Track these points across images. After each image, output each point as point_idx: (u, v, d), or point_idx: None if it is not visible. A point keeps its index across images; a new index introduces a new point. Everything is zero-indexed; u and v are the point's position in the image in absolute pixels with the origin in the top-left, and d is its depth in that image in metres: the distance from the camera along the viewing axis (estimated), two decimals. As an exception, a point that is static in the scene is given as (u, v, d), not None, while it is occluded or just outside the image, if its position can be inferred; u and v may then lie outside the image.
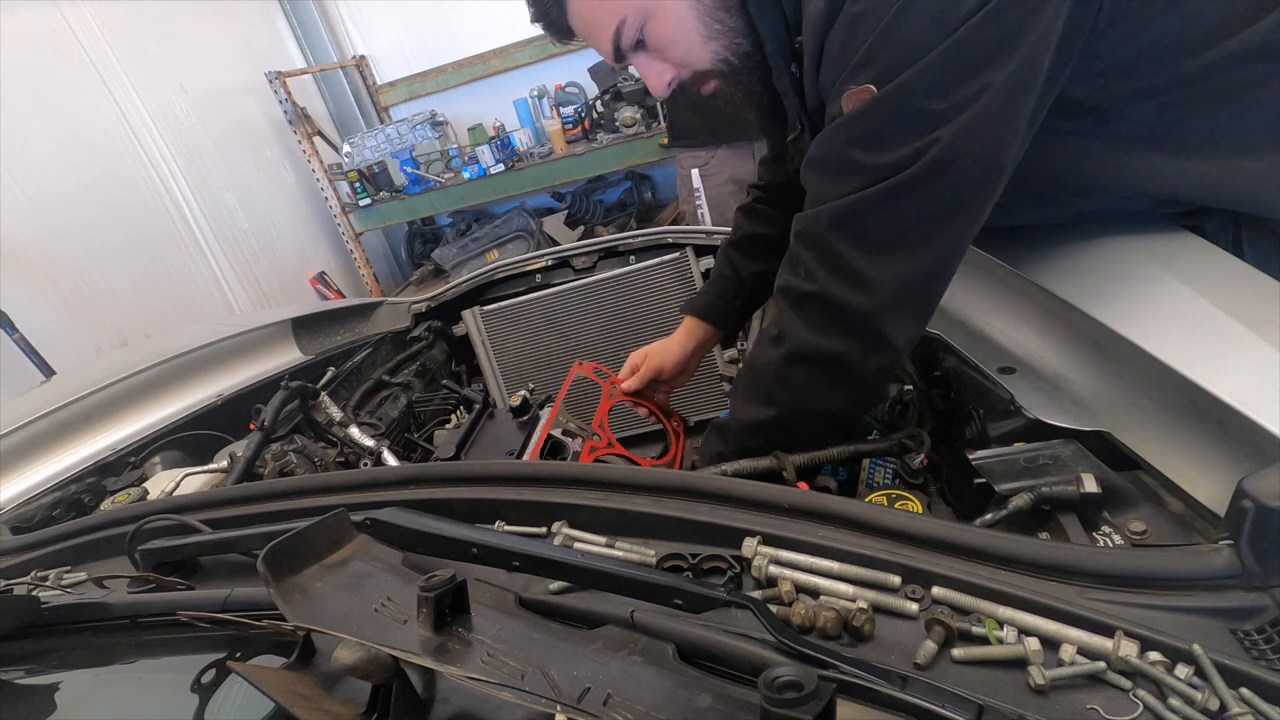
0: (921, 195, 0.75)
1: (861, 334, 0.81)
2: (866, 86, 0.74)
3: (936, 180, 0.74)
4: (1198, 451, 0.66)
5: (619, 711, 0.41)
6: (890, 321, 0.80)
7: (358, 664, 0.43)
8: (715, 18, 0.87)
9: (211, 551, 0.79)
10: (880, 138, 0.75)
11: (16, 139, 3.21)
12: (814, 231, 0.83)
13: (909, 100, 0.72)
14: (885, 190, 0.75)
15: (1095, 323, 0.78)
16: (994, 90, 0.70)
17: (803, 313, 0.85)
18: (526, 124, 4.79)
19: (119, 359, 1.62)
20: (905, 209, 0.76)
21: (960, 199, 0.76)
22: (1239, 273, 0.78)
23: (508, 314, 1.95)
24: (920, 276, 0.80)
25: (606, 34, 0.89)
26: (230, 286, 4.28)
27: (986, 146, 0.73)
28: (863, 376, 0.85)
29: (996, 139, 0.73)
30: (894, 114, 0.74)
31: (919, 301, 0.82)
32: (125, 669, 0.68)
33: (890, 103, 0.73)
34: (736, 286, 1.33)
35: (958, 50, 0.69)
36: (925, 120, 0.72)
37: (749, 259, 1.31)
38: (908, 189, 0.75)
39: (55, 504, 1.22)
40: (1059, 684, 0.48)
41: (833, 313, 0.82)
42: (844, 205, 0.79)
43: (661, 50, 0.90)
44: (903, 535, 0.60)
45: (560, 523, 0.71)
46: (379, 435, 1.46)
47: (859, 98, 0.75)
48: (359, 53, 5.24)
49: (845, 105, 0.77)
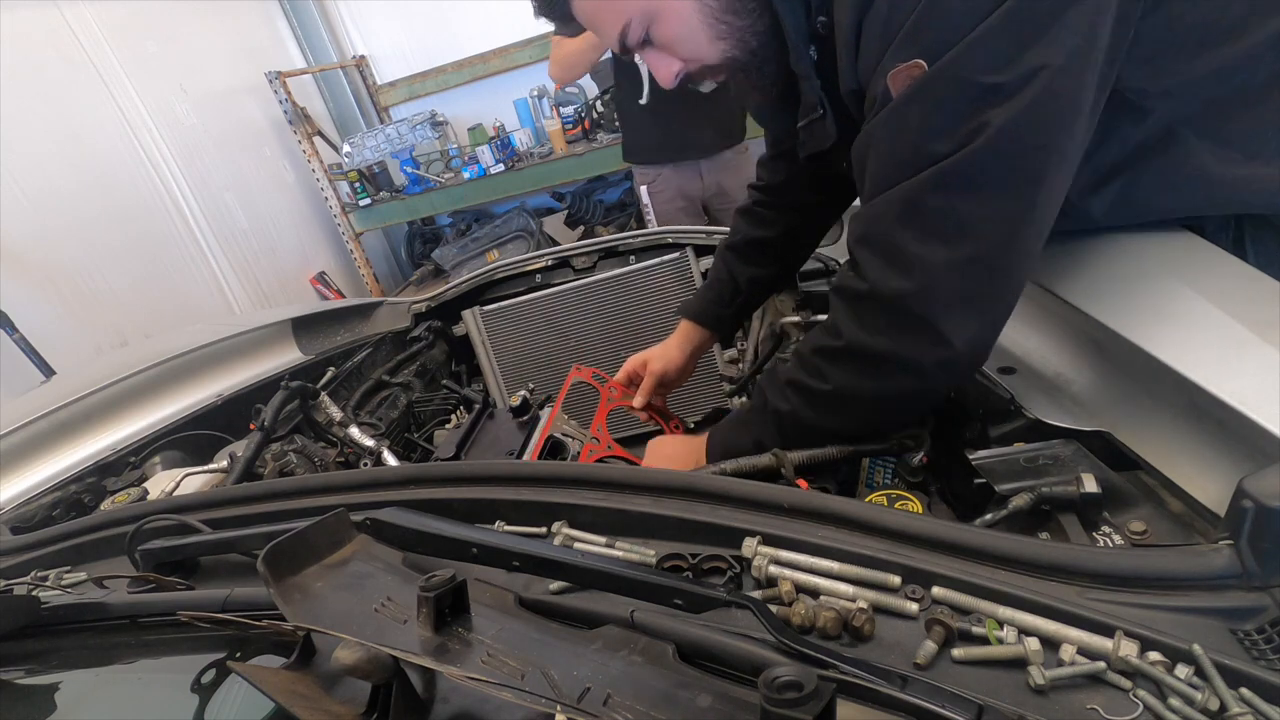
0: (980, 178, 0.70)
1: (915, 331, 0.76)
2: (916, 62, 0.69)
3: (996, 162, 0.69)
4: (1198, 451, 0.66)
5: (619, 711, 0.41)
6: (948, 317, 0.74)
7: (358, 664, 0.43)
8: (721, 19, 0.86)
9: (211, 551, 0.79)
10: (937, 118, 0.70)
11: (16, 139, 3.21)
12: (878, 230, 0.78)
13: (965, 75, 0.67)
14: (938, 174, 0.70)
15: (1095, 323, 0.78)
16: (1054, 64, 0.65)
17: (854, 312, 0.82)
18: (526, 124, 4.79)
19: (119, 359, 1.62)
20: (962, 193, 0.71)
21: (1021, 182, 0.70)
22: (1240, 273, 0.78)
23: (508, 314, 1.95)
24: (981, 264, 0.73)
25: (612, 32, 0.89)
26: (230, 286, 4.28)
27: (1050, 123, 0.68)
28: (920, 376, 0.79)
29: (1060, 115, 0.68)
30: (950, 91, 0.69)
31: (981, 294, 0.75)
32: (125, 669, 0.68)
33: (945, 79, 0.68)
34: (733, 291, 1.32)
35: (1013, 17, 0.64)
36: (985, 95, 0.67)
37: (746, 264, 1.30)
38: (965, 172, 0.70)
39: (55, 504, 1.22)
40: (1059, 684, 0.48)
41: (884, 309, 0.78)
42: (898, 194, 0.74)
43: (669, 48, 0.90)
44: (903, 535, 0.60)
45: (560, 523, 0.71)
46: (379, 435, 1.46)
47: (908, 74, 0.70)
48: (359, 53, 5.24)
49: (893, 84, 0.72)
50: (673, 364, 1.34)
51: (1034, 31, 0.65)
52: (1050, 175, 0.70)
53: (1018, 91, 0.66)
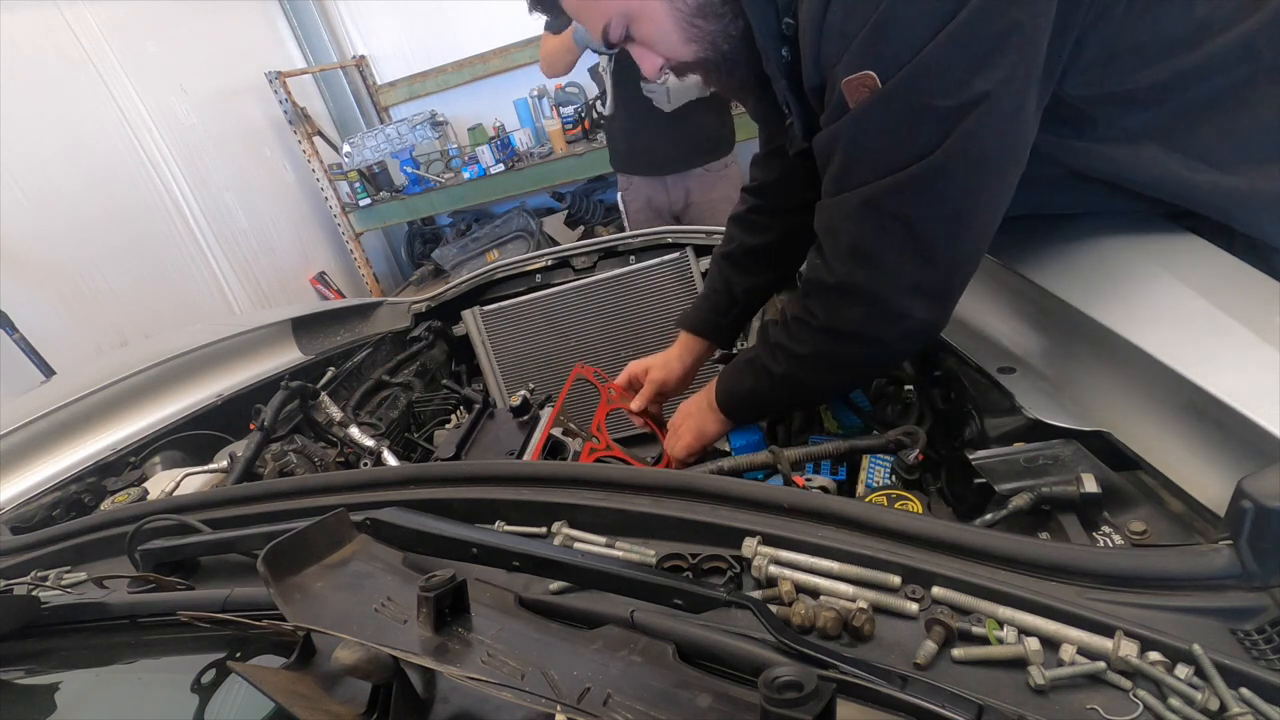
0: (932, 187, 0.77)
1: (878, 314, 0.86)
2: (868, 74, 0.74)
3: (946, 175, 0.76)
4: (1198, 451, 0.66)
5: (619, 711, 0.41)
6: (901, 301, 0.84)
7: (358, 664, 0.43)
8: (692, 23, 0.90)
9: (211, 551, 0.79)
10: (892, 133, 0.77)
11: (17, 139, 3.21)
12: (838, 223, 0.87)
13: (915, 98, 0.73)
14: (893, 183, 0.78)
15: (1095, 323, 0.78)
16: (998, 88, 0.71)
17: (825, 301, 0.91)
18: (526, 124, 4.79)
19: (119, 359, 1.62)
20: (915, 200, 0.79)
21: (967, 190, 0.78)
22: (1239, 273, 0.78)
23: (508, 314, 1.95)
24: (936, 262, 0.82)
25: (596, 28, 0.95)
26: (230, 286, 4.28)
27: (994, 140, 0.75)
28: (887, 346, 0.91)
29: (1003, 131, 0.75)
30: (901, 111, 0.75)
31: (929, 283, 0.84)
32: (125, 669, 0.68)
33: (897, 99, 0.74)
34: (729, 301, 1.32)
35: (958, 40, 0.69)
36: (935, 117, 0.73)
37: (741, 273, 1.30)
38: (917, 182, 0.77)
39: (55, 504, 1.22)
40: (1059, 684, 0.48)
41: (851, 298, 0.87)
42: (859, 196, 0.82)
43: (647, 44, 0.95)
44: (903, 535, 0.60)
45: (560, 523, 0.71)
46: (379, 435, 1.46)
47: (862, 86, 0.75)
48: (359, 53, 5.24)
49: (847, 92, 0.77)
50: (673, 374, 1.35)
51: (979, 56, 0.70)
52: (994, 184, 0.79)
53: (966, 114, 0.72)
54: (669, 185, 2.70)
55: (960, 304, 1.03)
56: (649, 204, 2.75)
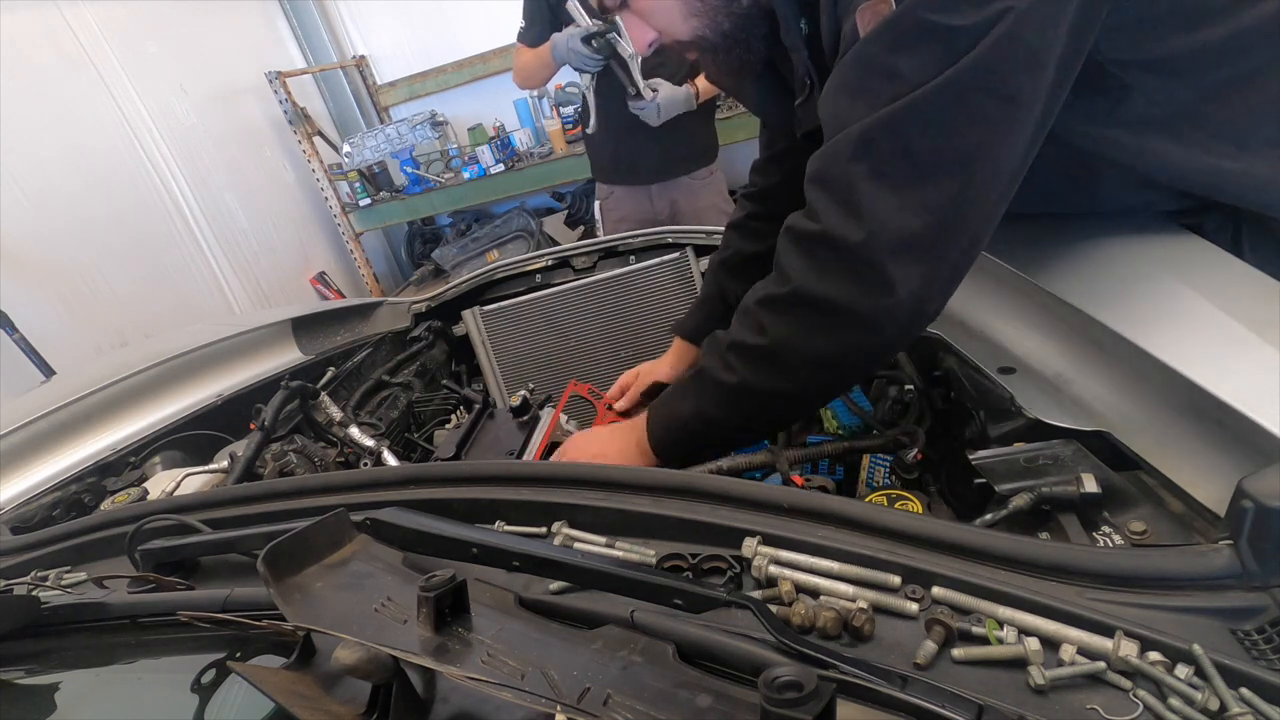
0: (937, 119, 0.70)
1: (860, 276, 0.75)
2: None
3: (953, 105, 0.69)
4: (1198, 451, 0.66)
5: (619, 711, 0.41)
6: (892, 263, 0.73)
7: (358, 664, 0.43)
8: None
9: (211, 551, 0.79)
10: (899, 57, 0.69)
11: (16, 139, 3.21)
12: (831, 169, 0.77)
13: (929, 16, 0.67)
14: (892, 113, 0.70)
15: (1095, 323, 0.78)
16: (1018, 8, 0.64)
17: (804, 253, 0.80)
18: (526, 124, 4.79)
19: (119, 359, 1.62)
20: (918, 134, 0.71)
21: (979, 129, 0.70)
22: (1239, 273, 0.78)
23: (508, 314, 1.95)
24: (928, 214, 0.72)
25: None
26: (230, 286, 4.28)
27: (1011, 71, 0.67)
28: (863, 326, 0.78)
29: (1022, 63, 0.67)
30: (913, 30, 0.68)
31: (926, 246, 0.74)
32: (125, 669, 0.68)
33: (909, 19, 0.68)
34: (724, 310, 1.30)
35: None
36: (946, 38, 0.67)
37: (738, 280, 1.26)
38: (922, 111, 0.69)
39: (55, 504, 1.22)
40: (1059, 684, 0.48)
41: (834, 253, 0.77)
42: (855, 131, 0.73)
43: (643, 15, 0.91)
44: (903, 535, 0.60)
45: (560, 523, 0.71)
46: (379, 435, 1.46)
47: (875, 11, 0.70)
48: (359, 53, 5.24)
49: (860, 20, 0.72)
50: (663, 378, 1.34)
51: None
52: (1007, 126, 0.70)
53: (981, 35, 0.65)
54: (654, 195, 2.68)
55: (960, 304, 1.04)
56: (627, 216, 2.72)
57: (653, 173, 2.64)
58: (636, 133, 2.48)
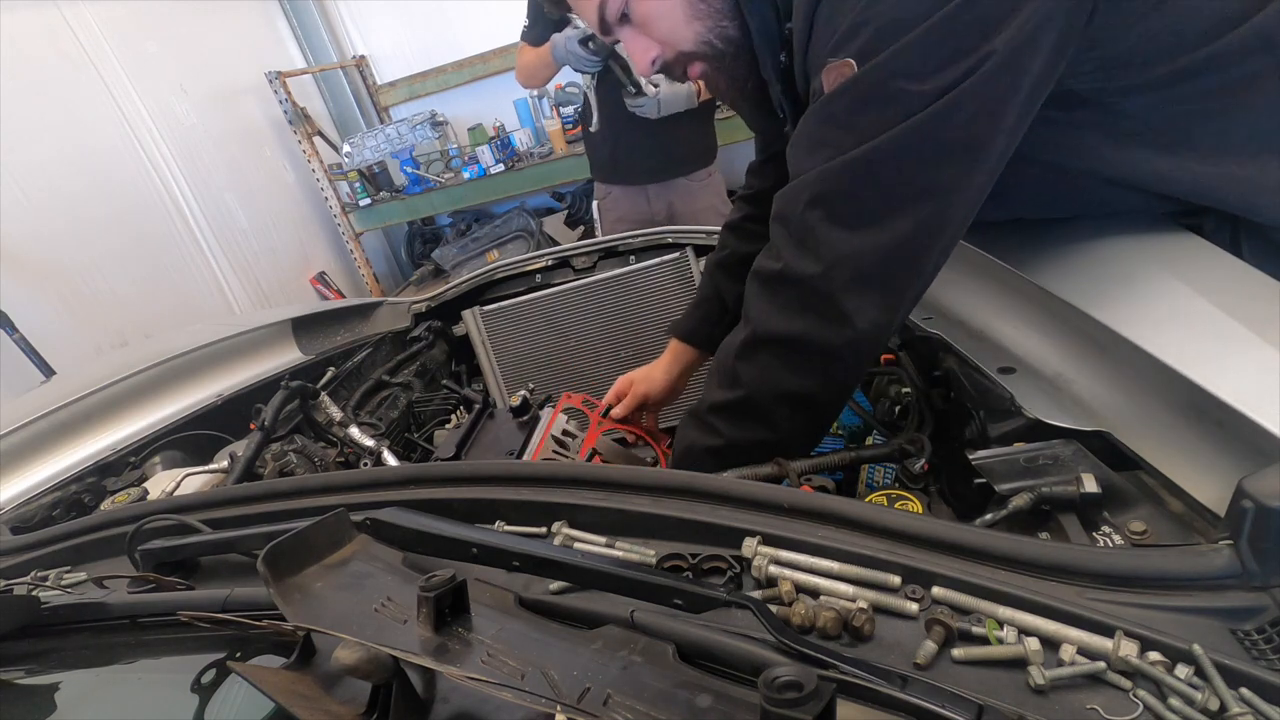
0: (888, 171, 0.73)
1: (820, 311, 0.79)
2: (847, 61, 0.72)
3: (909, 155, 0.72)
4: (1198, 451, 0.66)
5: (619, 711, 0.41)
6: (849, 298, 0.78)
7: (358, 664, 0.43)
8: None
9: (211, 551, 0.79)
10: (855, 116, 0.74)
11: (17, 139, 3.21)
12: (790, 210, 0.81)
13: (888, 80, 0.70)
14: (847, 162, 0.74)
15: (1095, 323, 0.78)
16: (978, 76, 0.67)
17: (768, 293, 0.84)
18: (526, 124, 4.79)
19: (119, 359, 1.62)
20: (869, 182, 0.75)
21: (930, 182, 0.74)
22: (1239, 273, 0.78)
23: (508, 314, 1.95)
24: (882, 253, 0.76)
25: (592, 8, 0.90)
26: (230, 286, 4.28)
27: (965, 132, 0.71)
28: (827, 359, 0.82)
29: (977, 117, 0.71)
30: (871, 92, 0.72)
31: (881, 280, 0.78)
32: (125, 669, 0.68)
33: (868, 81, 0.71)
34: (721, 310, 1.31)
35: (944, 29, 0.67)
36: (905, 99, 0.70)
37: (735, 281, 1.27)
38: (874, 162, 0.73)
39: (55, 504, 1.22)
40: (1059, 684, 0.48)
41: (794, 290, 0.81)
42: (813, 176, 0.78)
43: (645, 26, 0.90)
44: (903, 535, 0.60)
45: (560, 523, 0.71)
46: (379, 435, 1.46)
47: (839, 73, 0.73)
48: (359, 53, 5.24)
49: (826, 80, 0.75)
50: (656, 385, 1.35)
51: (964, 43, 0.68)
52: (964, 170, 0.73)
53: (928, 104, 0.69)
54: (651, 196, 2.68)
55: (960, 304, 1.04)
56: (625, 217, 2.72)
57: (651, 173, 2.63)
58: (635, 133, 2.47)
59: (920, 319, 1.05)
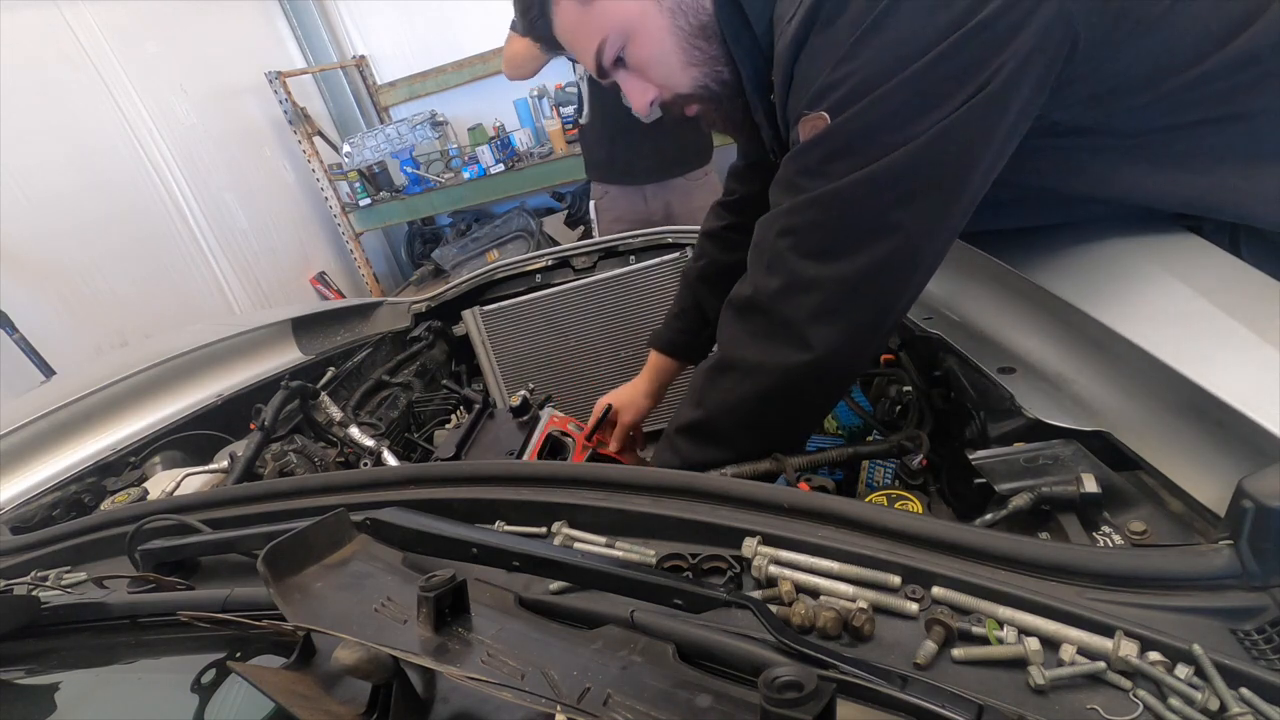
0: (856, 207, 0.75)
1: (782, 337, 0.81)
2: (821, 115, 0.74)
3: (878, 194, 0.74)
4: (1198, 451, 0.65)
5: (619, 711, 0.41)
6: (812, 326, 0.79)
7: (358, 664, 0.43)
8: (694, 44, 0.87)
9: (211, 551, 0.79)
10: (827, 164, 0.76)
11: (17, 139, 3.21)
12: (763, 238, 0.84)
13: (860, 132, 0.72)
14: (816, 196, 0.76)
15: (1095, 323, 0.78)
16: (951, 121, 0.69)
17: (739, 319, 0.87)
18: (526, 124, 4.79)
19: (119, 359, 1.62)
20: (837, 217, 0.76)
21: (899, 219, 0.75)
22: (1239, 273, 0.78)
23: (508, 314, 1.95)
24: (848, 285, 0.78)
25: (589, 51, 0.90)
26: (230, 286, 4.28)
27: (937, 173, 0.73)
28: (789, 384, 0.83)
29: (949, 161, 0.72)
30: (843, 143, 0.74)
31: (845, 311, 0.79)
32: (125, 669, 0.68)
33: (841, 134, 0.73)
34: (701, 322, 1.31)
35: (915, 83, 0.69)
36: (874, 150, 0.72)
37: (714, 293, 1.26)
38: (843, 199, 0.75)
39: (55, 504, 1.22)
40: (1059, 684, 0.48)
41: (761, 316, 0.83)
42: (784, 209, 0.80)
43: (642, 70, 0.91)
44: (903, 535, 0.60)
45: (560, 523, 0.71)
46: (379, 435, 1.46)
47: (814, 125, 0.75)
48: (359, 53, 5.24)
49: (801, 131, 0.77)
50: (640, 410, 1.36)
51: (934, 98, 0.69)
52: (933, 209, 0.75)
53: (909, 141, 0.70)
54: (648, 195, 2.68)
55: (960, 304, 1.04)
56: (622, 216, 2.72)
57: (647, 173, 2.64)
58: (632, 132, 2.47)
59: (920, 319, 1.05)
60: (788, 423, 0.92)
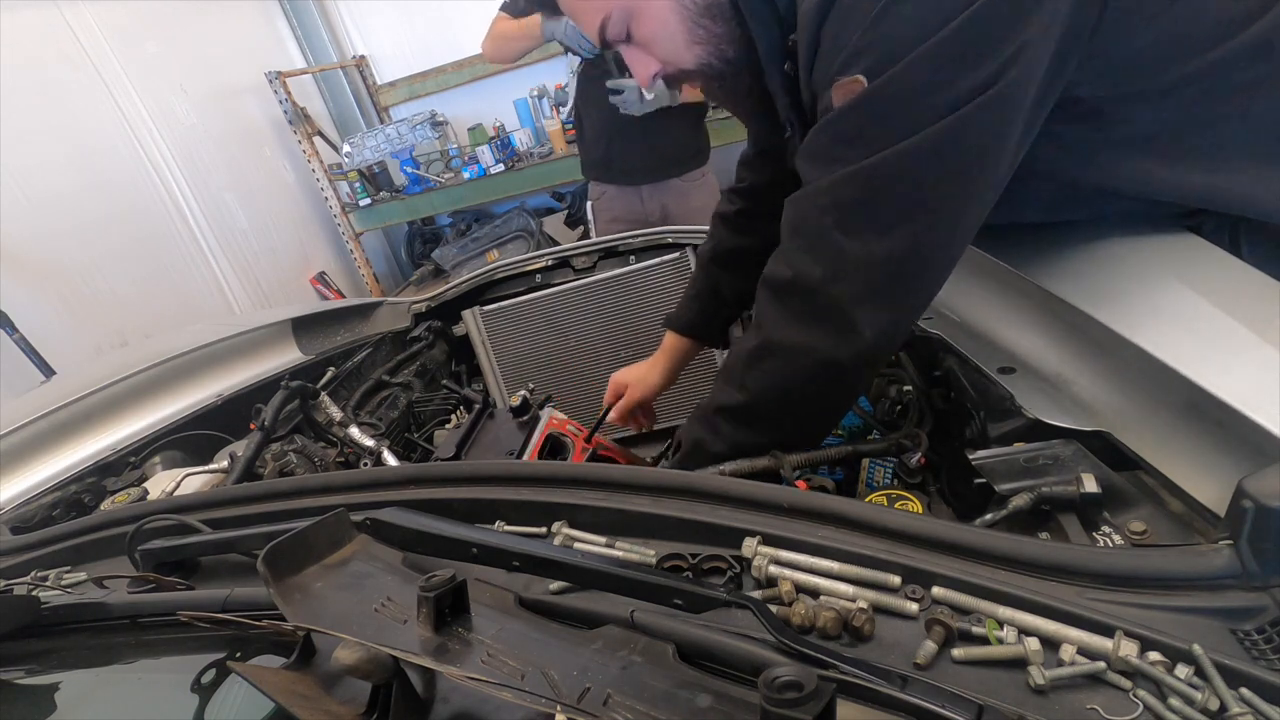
0: (900, 181, 0.74)
1: (830, 321, 0.80)
2: (856, 78, 0.72)
3: (920, 165, 0.73)
4: (1198, 451, 0.66)
5: (619, 711, 0.41)
6: (859, 308, 0.78)
7: (358, 664, 0.43)
8: (699, 23, 0.86)
9: (211, 551, 0.79)
10: (865, 129, 0.74)
11: (17, 139, 3.21)
12: (801, 217, 0.82)
13: (897, 95, 0.71)
14: (858, 171, 0.75)
15: (1095, 323, 0.78)
16: (989, 89, 0.68)
17: (778, 302, 0.85)
18: (526, 124, 4.79)
19: (119, 359, 1.62)
20: (881, 191, 0.75)
21: (942, 193, 0.74)
22: (1239, 273, 0.78)
23: (508, 314, 1.95)
24: (893, 262, 0.77)
25: (593, 24, 0.90)
26: (230, 286, 4.28)
27: (974, 145, 0.72)
28: (834, 368, 0.83)
29: (974, 149, 0.72)
30: (881, 108, 0.72)
31: (891, 290, 0.79)
32: (125, 669, 0.68)
33: (878, 97, 0.72)
34: (717, 303, 1.31)
35: (951, 44, 0.67)
36: (913, 115, 0.71)
37: (732, 275, 1.27)
38: (886, 173, 0.73)
39: (55, 504, 1.22)
40: (1059, 684, 0.48)
41: (804, 299, 0.81)
42: (824, 185, 0.78)
43: (647, 45, 0.91)
44: (903, 535, 0.60)
45: (560, 523, 0.71)
46: (379, 435, 1.46)
47: (849, 89, 0.73)
48: (359, 53, 5.24)
49: (835, 97, 0.75)
50: (651, 388, 1.36)
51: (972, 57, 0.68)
52: (972, 179, 0.74)
53: (952, 110, 0.69)
54: (645, 196, 2.67)
55: (960, 304, 1.04)
56: (618, 216, 2.72)
57: (644, 173, 2.63)
58: (629, 133, 2.47)
59: (920, 319, 1.05)
60: (830, 409, 0.92)
